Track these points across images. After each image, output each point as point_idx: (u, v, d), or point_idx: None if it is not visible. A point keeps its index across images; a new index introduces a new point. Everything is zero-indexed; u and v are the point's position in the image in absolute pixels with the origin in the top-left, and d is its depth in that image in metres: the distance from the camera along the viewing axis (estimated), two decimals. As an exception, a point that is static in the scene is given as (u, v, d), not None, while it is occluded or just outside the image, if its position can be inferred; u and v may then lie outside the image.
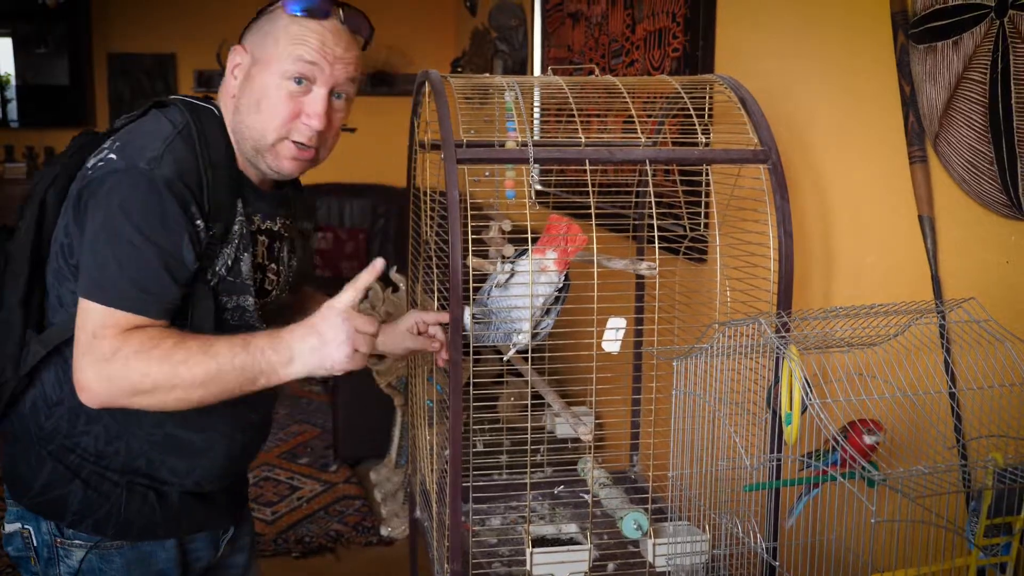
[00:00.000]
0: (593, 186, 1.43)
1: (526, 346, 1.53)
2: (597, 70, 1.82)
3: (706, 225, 1.82)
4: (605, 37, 3.02)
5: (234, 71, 1.39)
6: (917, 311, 1.28)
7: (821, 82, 1.80)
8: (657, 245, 1.51)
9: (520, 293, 1.53)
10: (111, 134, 1.37)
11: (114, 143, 1.31)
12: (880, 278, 1.65)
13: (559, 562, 1.52)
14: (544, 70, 3.76)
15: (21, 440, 1.42)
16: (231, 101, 1.38)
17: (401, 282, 3.31)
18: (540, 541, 1.62)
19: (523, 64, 4.00)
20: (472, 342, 1.52)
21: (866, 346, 1.32)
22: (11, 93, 5.70)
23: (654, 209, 1.51)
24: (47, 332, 1.36)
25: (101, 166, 1.28)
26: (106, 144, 1.32)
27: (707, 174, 1.66)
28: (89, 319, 1.23)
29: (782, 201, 1.50)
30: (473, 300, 1.54)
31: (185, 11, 5.53)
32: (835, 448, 1.30)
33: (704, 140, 1.55)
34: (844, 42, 1.73)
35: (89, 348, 1.22)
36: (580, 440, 1.56)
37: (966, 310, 1.22)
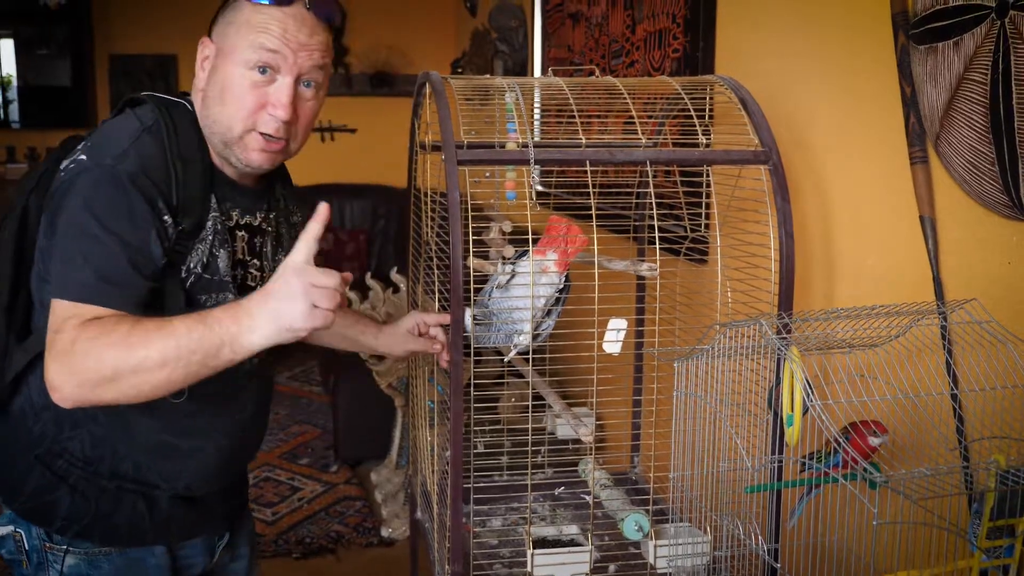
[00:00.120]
0: (593, 187, 1.43)
1: (527, 347, 1.53)
2: (597, 71, 1.82)
3: (707, 226, 1.82)
4: (605, 38, 3.02)
5: (202, 64, 1.36)
6: (918, 312, 1.27)
7: (822, 83, 1.80)
8: (658, 246, 1.51)
9: (521, 294, 1.52)
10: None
11: (86, 144, 1.30)
12: (881, 279, 1.65)
13: (560, 564, 1.52)
14: (544, 71, 3.76)
15: (10, 445, 1.42)
16: (199, 95, 1.36)
17: (402, 283, 3.31)
18: (541, 542, 1.62)
19: (523, 65, 3.99)
20: (473, 343, 1.52)
21: (867, 347, 1.31)
22: (12, 94, 5.70)
23: (655, 210, 1.51)
24: (30, 338, 1.35)
25: (72, 167, 1.27)
26: (79, 146, 1.31)
27: (708, 175, 1.66)
28: (55, 317, 1.20)
29: (783, 202, 1.50)
30: (474, 301, 1.54)
31: (186, 12, 5.52)
32: (837, 450, 1.29)
33: (705, 141, 1.54)
34: (844, 43, 1.73)
35: (52, 344, 1.18)
36: (581, 441, 1.56)
37: (968, 311, 1.22)
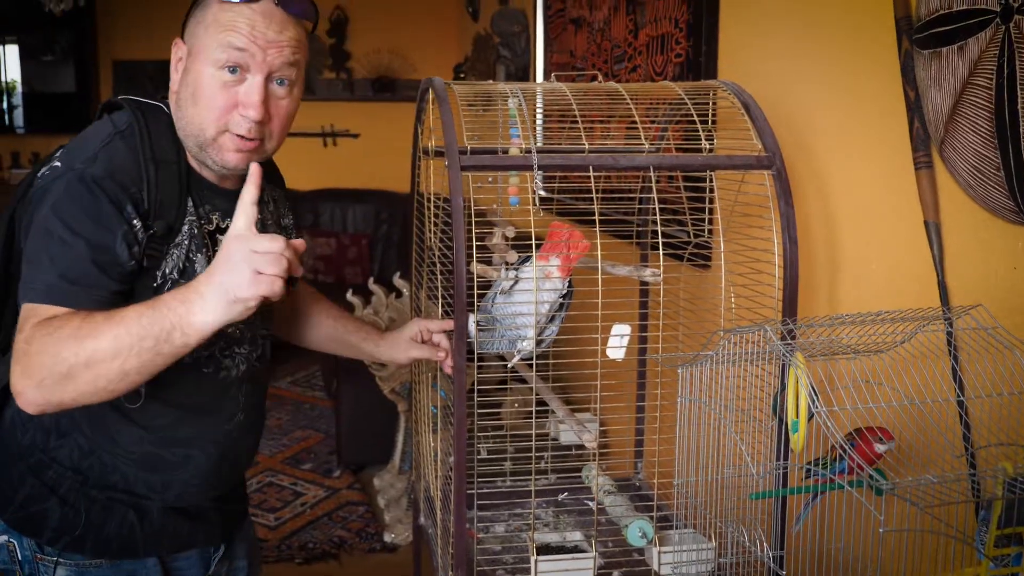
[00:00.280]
0: (596, 192, 1.43)
1: (530, 353, 1.53)
2: (600, 76, 1.81)
3: (710, 231, 1.81)
4: (608, 43, 3.02)
5: (176, 66, 1.33)
6: (924, 318, 1.27)
7: (825, 88, 1.80)
8: (661, 251, 1.50)
9: (524, 300, 1.52)
10: None
11: (62, 150, 1.30)
12: (886, 284, 1.65)
13: (564, 570, 1.51)
14: (547, 76, 3.76)
15: (2, 455, 1.41)
16: (174, 97, 1.34)
17: (404, 288, 3.31)
18: (544, 549, 1.61)
19: (525, 70, 4.00)
20: (476, 349, 1.52)
21: (872, 353, 1.31)
22: (17, 100, 5.72)
23: (658, 215, 1.50)
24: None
25: (47, 173, 1.27)
26: (57, 152, 1.31)
27: (711, 180, 1.66)
28: (20, 319, 1.19)
29: (786, 207, 1.49)
30: (477, 307, 1.54)
31: (189, 18, 5.55)
32: (842, 456, 1.29)
33: (708, 146, 1.54)
34: (847, 48, 1.73)
35: (14, 349, 1.17)
36: (584, 447, 1.56)
37: (974, 317, 1.22)
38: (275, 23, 1.27)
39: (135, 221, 1.26)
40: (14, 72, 5.73)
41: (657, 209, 1.52)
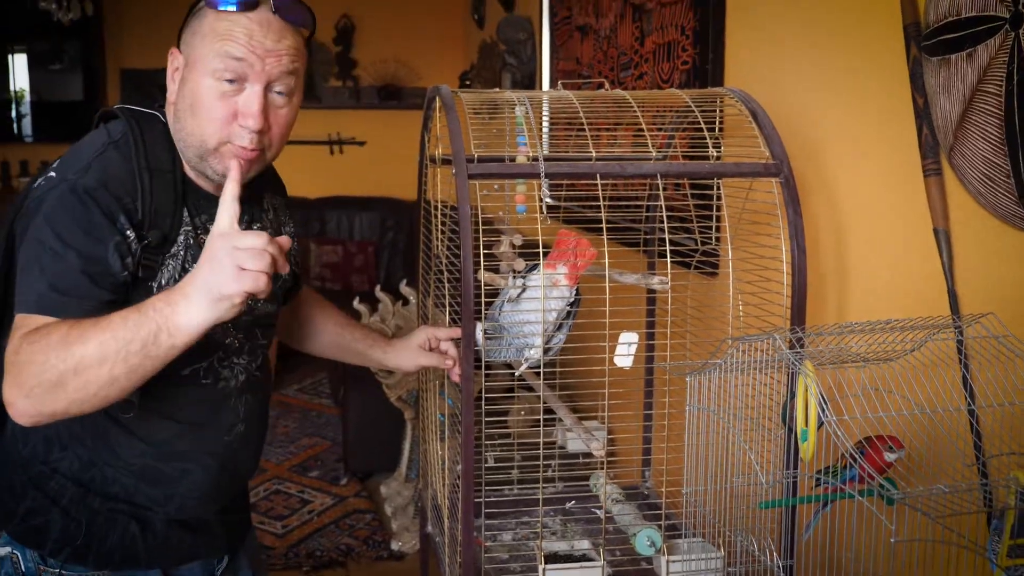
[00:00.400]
0: (603, 199, 1.42)
1: (538, 361, 1.52)
2: (607, 84, 1.81)
3: (717, 239, 1.81)
4: (614, 50, 3.02)
5: (173, 76, 1.31)
6: (934, 326, 1.26)
7: (832, 95, 1.79)
8: (669, 259, 1.50)
9: (532, 308, 1.52)
10: None
11: (58, 161, 1.30)
12: (895, 292, 1.64)
13: (572, 580, 1.51)
14: (553, 83, 3.77)
15: (5, 468, 1.41)
16: (171, 108, 1.33)
17: (411, 295, 3.31)
18: (552, 557, 1.61)
19: (531, 77, 4.00)
20: (484, 357, 1.51)
21: (882, 361, 1.30)
22: (26, 108, 5.75)
23: (665, 223, 1.50)
24: None
25: (43, 184, 1.26)
26: (53, 164, 1.30)
27: (718, 187, 1.65)
28: (12, 330, 1.18)
29: (795, 215, 1.49)
30: (485, 315, 1.54)
31: (196, 26, 5.57)
32: (851, 464, 1.28)
33: (715, 154, 1.54)
34: (855, 54, 1.72)
35: (5, 360, 1.16)
36: (591, 455, 1.55)
37: (984, 325, 1.21)
38: (273, 32, 1.26)
39: (128, 232, 1.25)
40: (23, 81, 5.76)
41: (664, 217, 1.51)
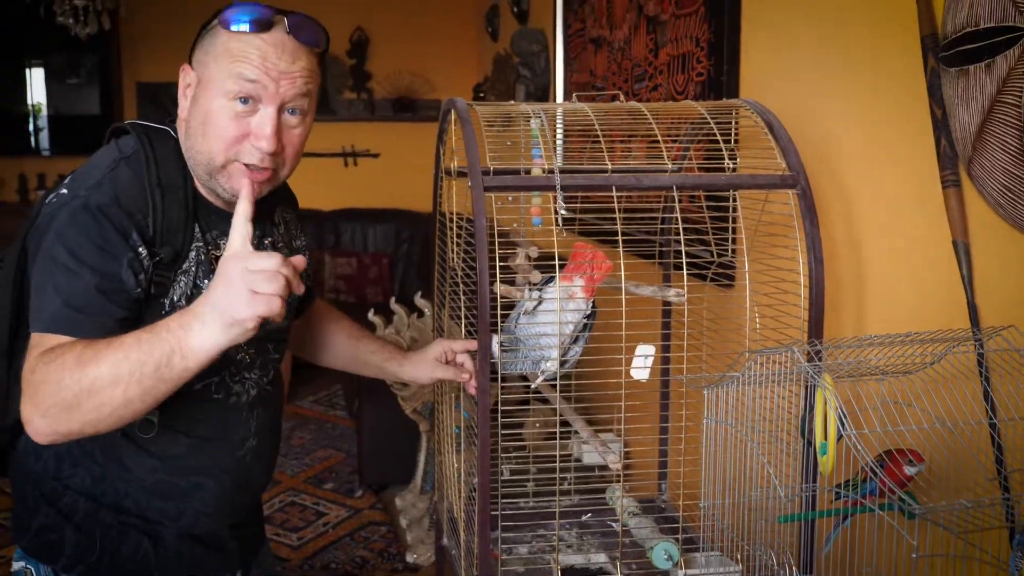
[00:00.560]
0: (619, 211, 1.42)
1: (554, 374, 1.52)
2: (622, 96, 1.81)
3: (733, 251, 1.80)
4: (628, 62, 3.02)
5: (184, 92, 1.32)
6: (954, 339, 1.25)
7: (849, 106, 1.79)
8: (685, 271, 1.49)
9: (548, 320, 1.52)
10: None
11: (69, 178, 1.30)
12: (913, 305, 1.63)
13: (589, 594, 1.50)
14: (567, 95, 3.77)
15: (19, 483, 1.42)
16: (183, 124, 1.33)
17: (426, 308, 3.31)
18: (569, 571, 1.60)
19: (545, 90, 4.01)
20: (500, 370, 1.51)
21: (901, 374, 1.29)
22: (43, 122, 5.80)
23: (682, 235, 1.50)
24: None
25: (54, 201, 1.26)
26: (65, 180, 1.31)
27: (734, 199, 1.65)
28: (28, 349, 1.18)
29: (811, 227, 1.48)
30: (501, 328, 1.54)
31: (211, 40, 5.62)
32: (871, 478, 1.27)
33: (731, 165, 1.53)
34: (872, 66, 1.72)
35: (22, 379, 1.16)
36: (608, 468, 1.55)
37: (1005, 338, 1.20)
38: (287, 53, 1.25)
39: (140, 248, 1.25)
40: (40, 95, 5.81)
41: (680, 229, 1.51)
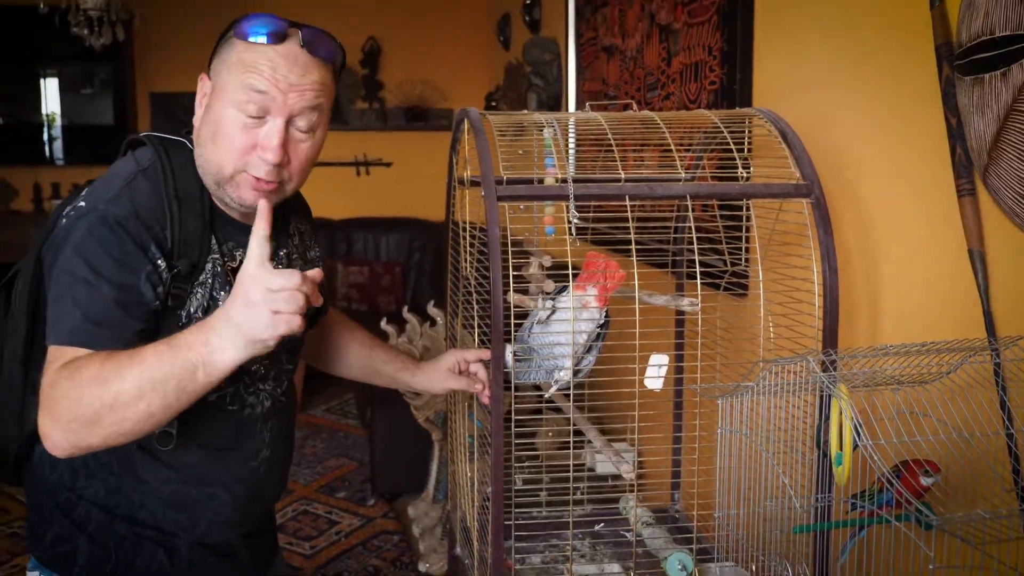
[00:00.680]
0: (632, 220, 1.42)
1: (568, 383, 1.52)
2: (635, 105, 1.82)
3: (747, 260, 1.80)
4: (640, 70, 3.02)
5: (200, 102, 1.32)
6: (970, 348, 1.24)
7: (863, 114, 1.78)
8: (699, 281, 1.49)
9: (561, 330, 1.51)
10: None
11: (86, 189, 1.30)
12: (929, 314, 1.62)
13: (603, 604, 1.50)
14: (579, 104, 3.77)
15: (34, 493, 1.42)
16: (197, 134, 1.33)
17: (438, 316, 3.31)
18: (583, 582, 1.60)
19: (557, 99, 4.01)
20: (513, 379, 1.51)
21: (917, 384, 1.28)
22: (57, 132, 5.84)
23: (695, 244, 1.50)
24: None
25: (71, 213, 1.27)
26: (82, 191, 1.31)
27: (748, 208, 1.65)
28: (46, 362, 1.18)
29: (826, 236, 1.48)
30: (514, 337, 1.54)
31: (225, 50, 5.65)
32: (887, 488, 1.26)
33: (744, 174, 1.53)
34: (886, 74, 1.71)
35: (40, 393, 1.16)
36: (621, 477, 1.54)
37: (1022, 348, 1.19)
38: (298, 66, 1.26)
39: (159, 261, 1.25)
40: (54, 105, 5.85)
41: (694, 239, 1.51)
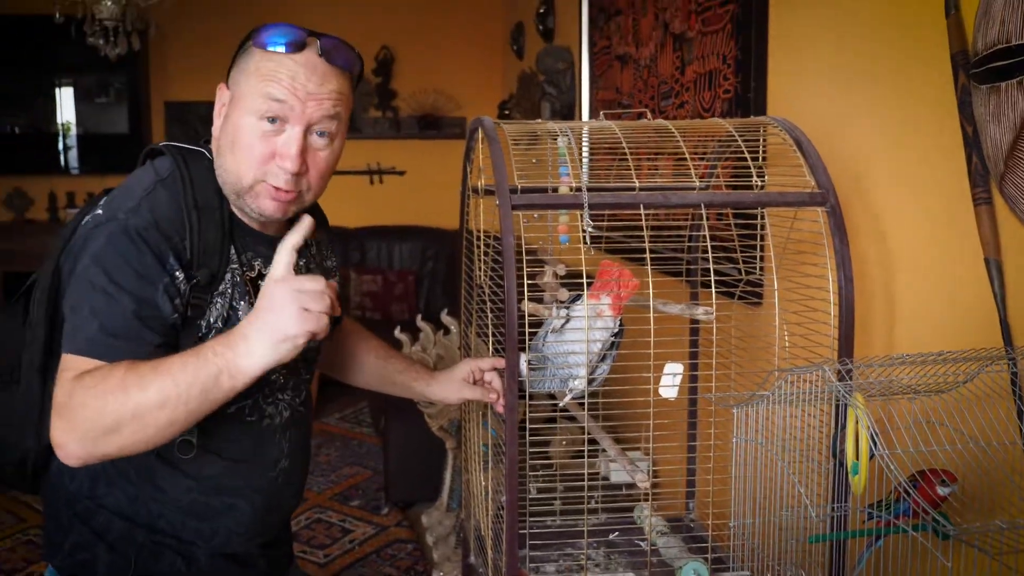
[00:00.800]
0: (646, 229, 1.42)
1: (582, 392, 1.52)
2: (649, 114, 1.82)
3: (762, 268, 1.80)
4: (654, 79, 3.03)
5: (219, 111, 1.33)
6: (987, 358, 1.24)
7: (878, 123, 1.78)
8: (714, 289, 1.49)
9: (576, 339, 1.52)
10: None
11: (105, 198, 1.30)
12: (945, 323, 1.61)
13: (618, 613, 1.49)
14: (593, 113, 3.78)
15: (52, 502, 1.43)
16: (215, 143, 1.34)
17: (452, 325, 3.32)
18: (597, 591, 1.59)
19: (571, 107, 4.02)
20: (528, 388, 1.51)
21: (933, 393, 1.28)
22: (72, 141, 5.89)
23: (710, 253, 1.50)
24: None
25: (89, 222, 1.27)
26: (101, 200, 1.31)
27: (763, 217, 1.64)
28: (60, 372, 1.18)
29: (841, 244, 1.47)
30: (528, 346, 1.54)
31: (239, 60, 5.69)
32: (904, 498, 1.26)
33: (759, 183, 1.53)
34: (901, 82, 1.71)
35: (54, 402, 1.16)
36: (635, 486, 1.54)
37: (1040, 357, 1.19)
38: (317, 75, 1.27)
39: (177, 272, 1.25)
40: (69, 114, 5.90)
41: (709, 247, 1.51)
